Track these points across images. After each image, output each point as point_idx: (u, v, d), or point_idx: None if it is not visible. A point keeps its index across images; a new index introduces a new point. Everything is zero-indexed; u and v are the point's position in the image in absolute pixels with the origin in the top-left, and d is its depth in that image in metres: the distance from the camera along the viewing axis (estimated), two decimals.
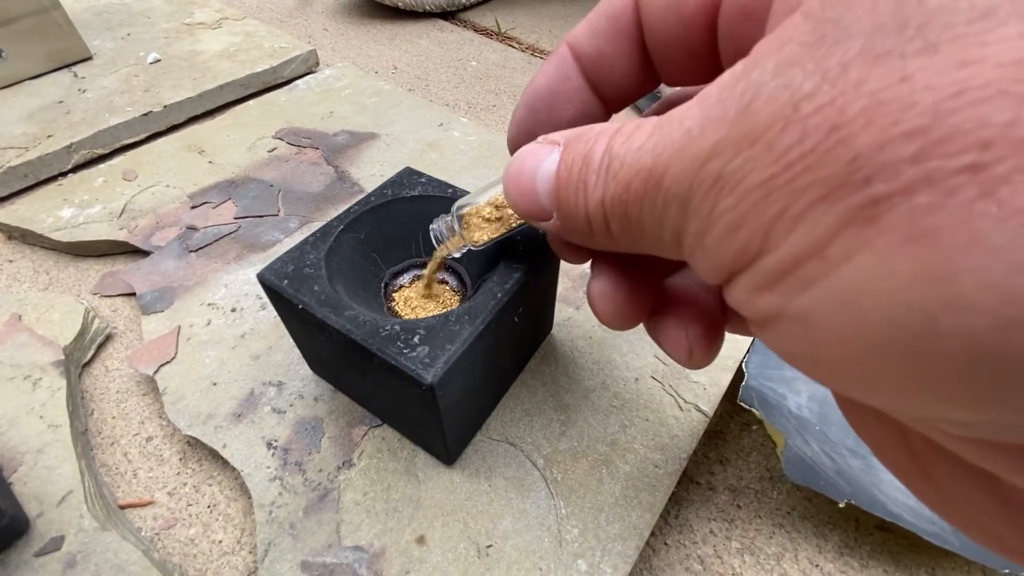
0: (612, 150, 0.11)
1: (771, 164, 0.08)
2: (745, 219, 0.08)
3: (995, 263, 0.06)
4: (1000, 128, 0.06)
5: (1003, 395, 0.06)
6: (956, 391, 0.07)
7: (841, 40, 0.07)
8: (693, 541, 0.27)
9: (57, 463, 0.26)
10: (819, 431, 0.28)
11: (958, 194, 0.06)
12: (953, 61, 0.06)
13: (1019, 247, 0.06)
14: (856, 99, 0.07)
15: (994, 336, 0.06)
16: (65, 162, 0.44)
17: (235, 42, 0.59)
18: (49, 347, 0.31)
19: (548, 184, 0.13)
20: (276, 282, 0.22)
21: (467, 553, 0.23)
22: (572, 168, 0.12)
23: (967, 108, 0.06)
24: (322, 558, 0.23)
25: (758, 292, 0.09)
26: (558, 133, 0.13)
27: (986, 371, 0.06)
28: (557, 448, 0.27)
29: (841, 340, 0.08)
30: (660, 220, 0.10)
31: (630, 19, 0.14)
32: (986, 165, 0.06)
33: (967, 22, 0.06)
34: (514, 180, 0.14)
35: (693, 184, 0.09)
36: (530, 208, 0.14)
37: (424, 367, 0.19)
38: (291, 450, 0.27)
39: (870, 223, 0.07)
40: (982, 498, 0.09)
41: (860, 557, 0.26)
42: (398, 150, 0.45)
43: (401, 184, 0.27)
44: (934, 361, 0.07)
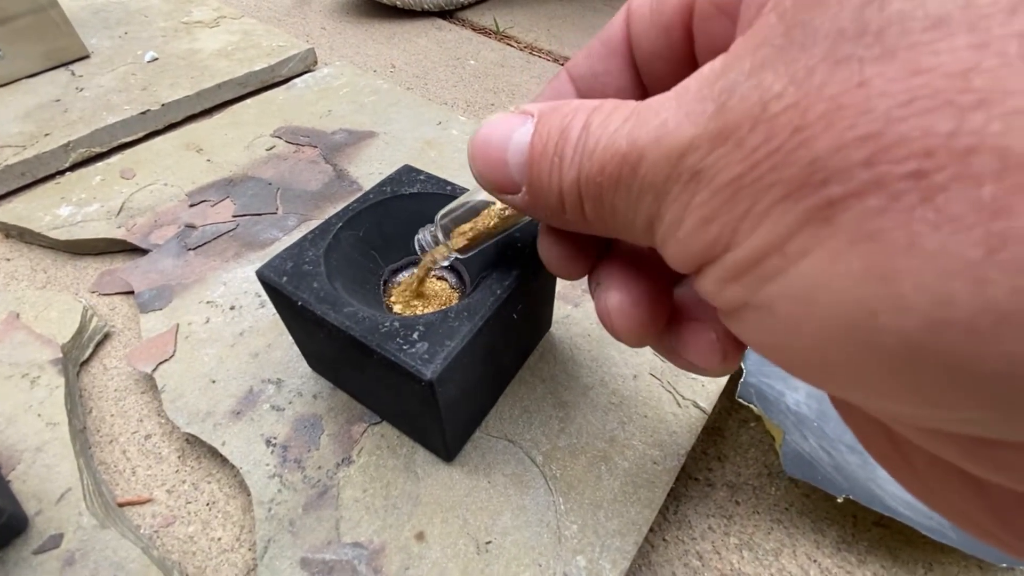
0: (590, 127, 0.11)
1: (740, 162, 0.08)
2: (716, 214, 0.09)
3: (929, 267, 0.06)
4: (943, 137, 0.06)
5: (935, 390, 0.07)
6: (895, 385, 0.07)
7: (808, 44, 0.08)
8: (692, 537, 0.27)
9: (55, 461, 0.26)
10: (817, 427, 0.28)
11: (902, 199, 0.06)
12: (907, 69, 0.06)
13: (951, 253, 0.06)
14: (818, 102, 0.07)
15: (928, 334, 0.06)
16: (63, 160, 0.44)
17: (233, 41, 0.59)
18: (47, 345, 0.31)
19: (521, 156, 0.13)
20: (275, 279, 0.22)
21: (466, 549, 0.23)
22: (548, 141, 0.12)
23: (915, 116, 0.06)
24: (322, 555, 0.23)
25: (725, 283, 0.09)
26: (531, 104, 0.13)
27: (919, 368, 0.07)
28: (556, 445, 0.27)
29: (799, 331, 0.08)
30: (634, 207, 0.10)
31: (621, 40, 0.15)
32: (928, 172, 0.06)
33: (922, 30, 0.06)
34: (481, 149, 0.13)
35: (670, 176, 0.09)
36: (498, 179, 0.13)
37: (423, 363, 0.19)
38: (290, 447, 0.27)
39: (826, 223, 0.07)
40: (960, 485, 0.09)
41: (858, 552, 0.26)
42: (396, 149, 0.45)
43: (400, 182, 0.27)
44: (875, 355, 0.07)
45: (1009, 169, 0.06)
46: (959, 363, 0.06)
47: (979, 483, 0.09)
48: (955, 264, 0.06)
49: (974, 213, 0.06)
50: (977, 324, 0.06)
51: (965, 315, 0.06)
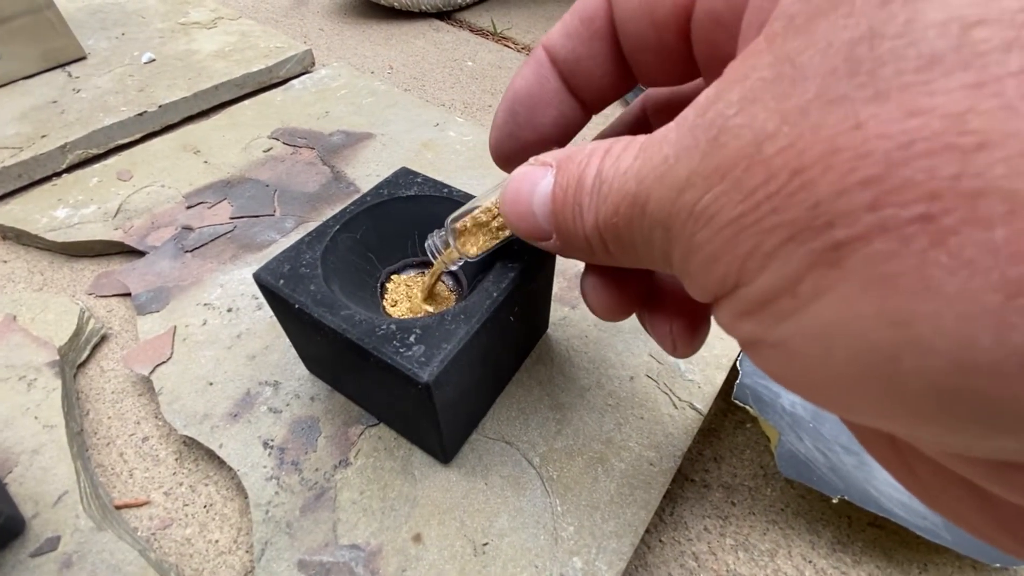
0: (602, 173, 0.11)
1: (740, 202, 0.08)
2: (721, 253, 0.09)
3: (948, 311, 0.06)
4: (948, 180, 0.06)
5: (962, 424, 0.07)
6: (920, 418, 0.07)
7: (798, 80, 0.08)
8: (688, 538, 0.27)
9: (52, 463, 0.26)
10: (812, 428, 0.28)
11: (912, 243, 0.06)
12: (902, 110, 0.06)
13: (969, 298, 0.06)
14: (814, 144, 0.07)
15: (952, 377, 0.07)
16: (59, 162, 0.44)
17: (230, 42, 0.59)
18: (44, 347, 0.31)
19: (545, 207, 0.13)
20: (272, 282, 0.22)
21: (463, 551, 0.24)
22: (567, 191, 0.13)
23: (917, 159, 0.06)
24: (319, 557, 0.23)
25: (739, 319, 0.09)
26: (549, 154, 0.14)
27: (946, 405, 0.07)
28: (553, 446, 0.27)
29: (816, 368, 0.08)
30: (648, 243, 0.11)
31: (604, 22, 0.14)
32: (936, 216, 0.06)
33: (915, 70, 0.06)
34: (511, 204, 0.14)
35: (671, 213, 0.09)
36: (530, 230, 0.14)
37: (420, 366, 0.19)
38: (287, 449, 0.27)
39: (834, 266, 0.07)
40: (963, 494, 0.09)
41: (853, 553, 0.27)
42: (394, 150, 0.46)
43: (397, 184, 0.27)
44: (900, 393, 0.07)
45: (1018, 212, 0.06)
46: (988, 402, 0.06)
47: (984, 494, 0.09)
48: (975, 309, 0.06)
49: (989, 257, 0.06)
50: (1004, 368, 0.06)
51: (990, 359, 0.06)
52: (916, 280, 0.06)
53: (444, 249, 0.22)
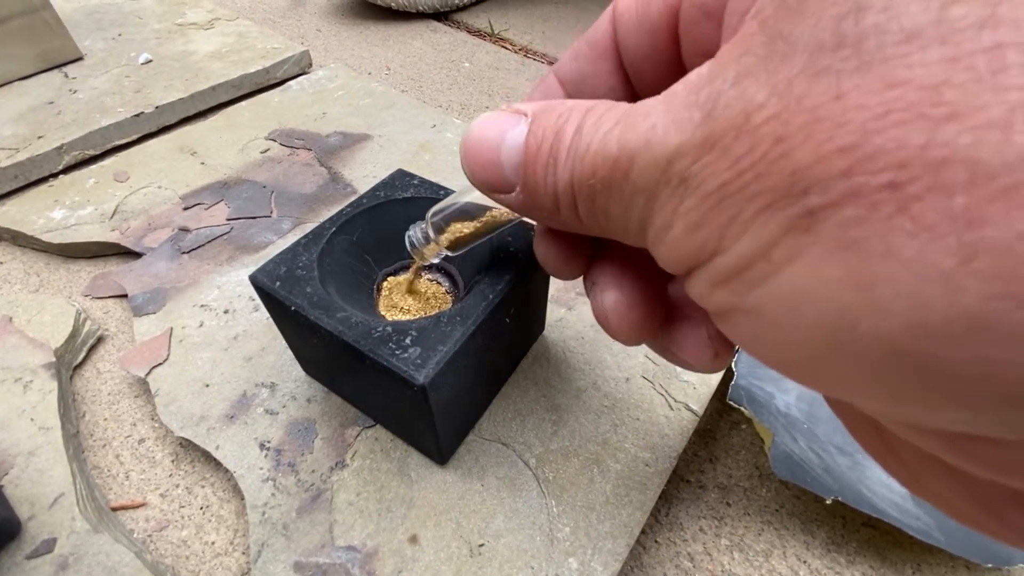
0: (583, 130, 0.11)
1: (726, 170, 0.08)
2: (704, 220, 0.09)
3: (906, 274, 0.07)
4: (916, 149, 0.06)
5: (915, 391, 0.07)
6: (878, 385, 0.07)
7: (788, 55, 0.08)
8: (683, 539, 0.27)
9: (48, 465, 0.26)
10: (807, 429, 0.28)
11: (879, 209, 0.07)
12: (882, 82, 0.07)
13: (926, 261, 0.06)
14: (798, 114, 0.07)
15: (906, 338, 0.07)
16: (56, 163, 0.44)
17: (227, 43, 0.58)
18: (40, 349, 0.31)
19: (515, 156, 0.13)
20: (268, 284, 0.23)
21: (460, 552, 0.24)
22: (543, 142, 0.12)
23: (890, 128, 0.07)
24: (315, 558, 0.23)
25: (714, 287, 0.09)
26: (524, 103, 0.13)
27: (899, 370, 0.07)
28: (549, 448, 0.27)
29: (786, 335, 0.08)
30: (626, 210, 0.11)
31: (608, 41, 0.15)
32: (903, 183, 0.06)
33: (895, 43, 0.07)
34: (474, 148, 0.13)
35: (659, 181, 0.09)
36: (492, 179, 0.13)
37: (416, 368, 0.20)
38: (284, 451, 0.27)
39: (807, 232, 0.07)
40: (945, 476, 0.10)
41: (847, 553, 0.27)
42: (391, 152, 0.46)
43: (393, 186, 0.27)
44: (858, 358, 0.07)
45: (979, 180, 0.06)
46: (936, 366, 0.07)
47: (963, 475, 0.09)
48: (931, 272, 0.06)
49: (948, 223, 0.06)
50: (952, 329, 0.06)
51: (941, 320, 0.06)
52: (880, 244, 0.07)
53: (424, 242, 0.22)
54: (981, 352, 0.06)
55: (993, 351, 0.06)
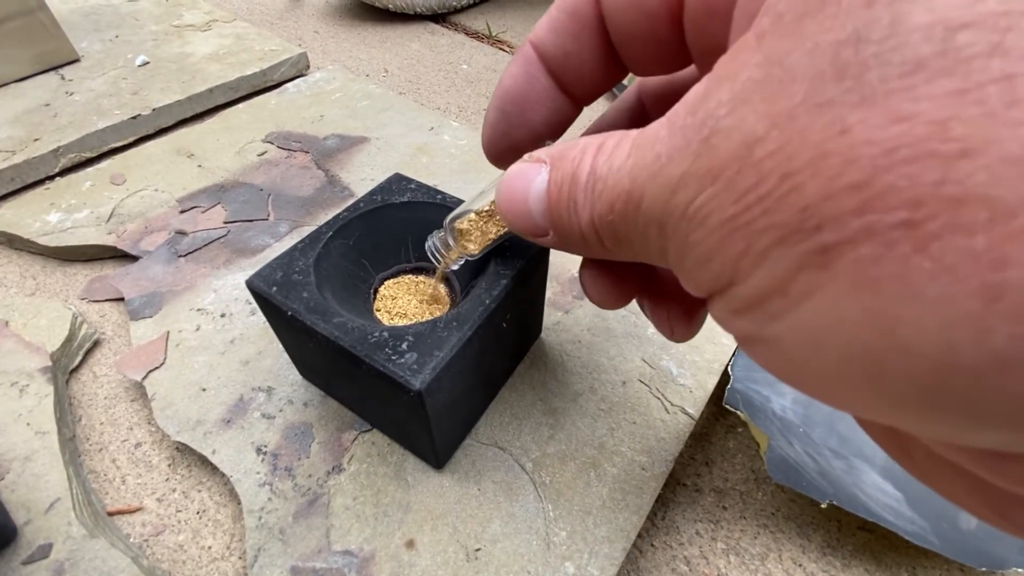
0: (596, 170, 0.12)
1: (732, 204, 0.08)
2: (714, 253, 0.09)
3: (930, 316, 0.07)
4: (930, 187, 0.06)
5: (947, 418, 0.07)
6: (907, 413, 0.08)
7: (786, 83, 0.08)
8: (679, 542, 0.27)
9: (44, 470, 0.26)
10: (803, 433, 0.28)
11: (896, 248, 0.07)
12: (887, 116, 0.07)
13: (950, 303, 0.06)
14: (802, 149, 0.07)
15: (935, 378, 0.07)
16: (52, 165, 0.44)
17: (225, 44, 0.58)
18: (36, 353, 0.31)
19: (540, 204, 0.14)
20: (265, 289, 0.23)
21: (456, 556, 0.24)
22: (561, 188, 0.13)
23: (901, 166, 0.06)
24: (312, 563, 0.23)
25: (734, 315, 0.09)
26: (543, 151, 0.14)
27: (930, 402, 0.07)
28: (546, 452, 0.27)
29: (808, 365, 0.08)
30: (644, 240, 0.11)
31: (591, 14, 0.14)
32: (919, 222, 0.06)
33: (899, 75, 0.07)
34: (507, 201, 0.14)
35: (666, 211, 0.10)
36: (527, 227, 0.14)
37: (412, 373, 0.20)
38: (281, 455, 0.27)
39: (823, 268, 0.07)
40: (957, 478, 0.10)
41: (842, 557, 0.27)
42: (388, 154, 0.46)
43: (390, 190, 0.27)
44: (886, 390, 0.08)
45: (998, 219, 0.06)
46: (970, 399, 0.07)
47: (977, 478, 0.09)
48: (955, 313, 0.06)
49: (970, 263, 0.06)
50: (983, 369, 0.06)
51: (970, 361, 0.06)
52: (900, 284, 0.07)
53: (445, 250, 0.22)
54: (1014, 388, 0.06)
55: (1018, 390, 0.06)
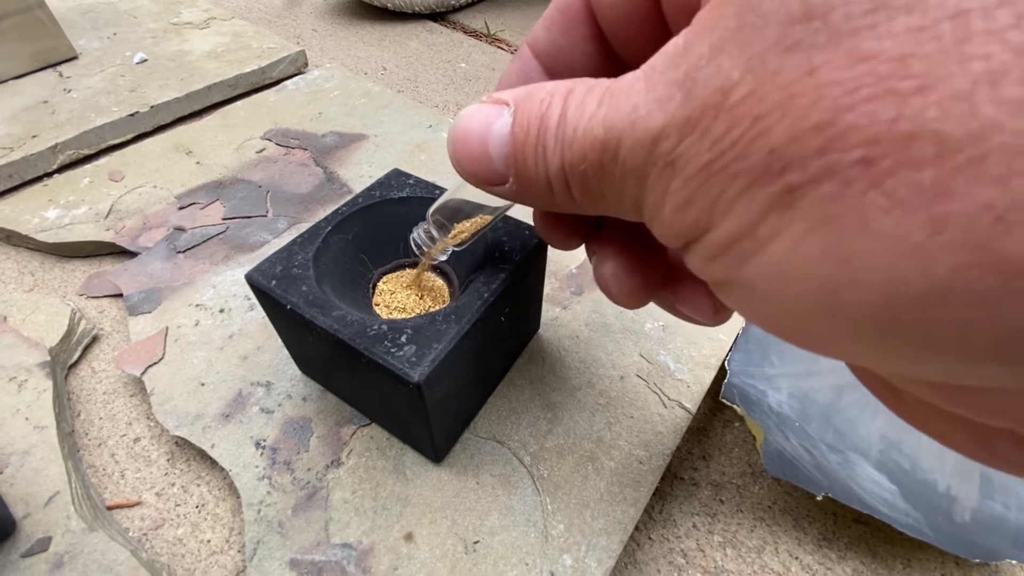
0: (567, 114, 0.11)
1: (708, 150, 0.08)
2: (692, 200, 0.09)
3: (880, 248, 0.07)
4: (886, 124, 0.06)
5: (897, 351, 0.08)
6: (864, 347, 0.08)
7: (760, 27, 0.08)
8: (676, 535, 0.27)
9: (44, 464, 0.26)
10: (798, 427, 0.28)
11: (854, 185, 0.07)
12: (851, 56, 0.07)
13: (899, 235, 0.07)
14: (772, 91, 0.07)
15: (885, 308, 0.07)
16: (50, 162, 0.44)
17: (223, 42, 0.58)
18: (35, 348, 0.31)
19: (503, 147, 0.12)
20: (264, 283, 0.23)
21: (455, 549, 0.24)
22: (528, 131, 0.12)
23: (861, 104, 0.07)
24: (311, 556, 0.24)
25: (708, 261, 0.10)
26: (505, 92, 0.13)
27: (882, 334, 0.08)
28: (544, 445, 0.27)
29: (776, 305, 0.09)
30: (619, 191, 0.11)
31: (580, 7, 0.14)
32: (875, 159, 0.07)
33: (863, 13, 0.07)
34: (461, 144, 0.13)
35: (647, 162, 0.10)
36: (483, 173, 0.13)
37: (411, 366, 0.20)
38: (280, 449, 0.27)
39: (788, 208, 0.08)
40: (943, 417, 0.10)
41: (838, 549, 0.27)
42: (387, 151, 0.46)
43: (389, 186, 0.27)
44: (843, 325, 0.08)
45: (945, 154, 0.06)
46: (916, 330, 0.07)
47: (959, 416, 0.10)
48: (903, 245, 0.07)
49: (917, 197, 0.06)
50: (926, 299, 0.07)
51: (916, 291, 0.07)
52: (856, 220, 0.07)
53: (429, 243, 0.22)
54: (955, 316, 0.07)
55: (965, 315, 0.07)
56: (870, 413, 0.29)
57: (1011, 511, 0.26)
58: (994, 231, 0.06)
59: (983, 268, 0.06)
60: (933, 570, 0.26)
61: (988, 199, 0.06)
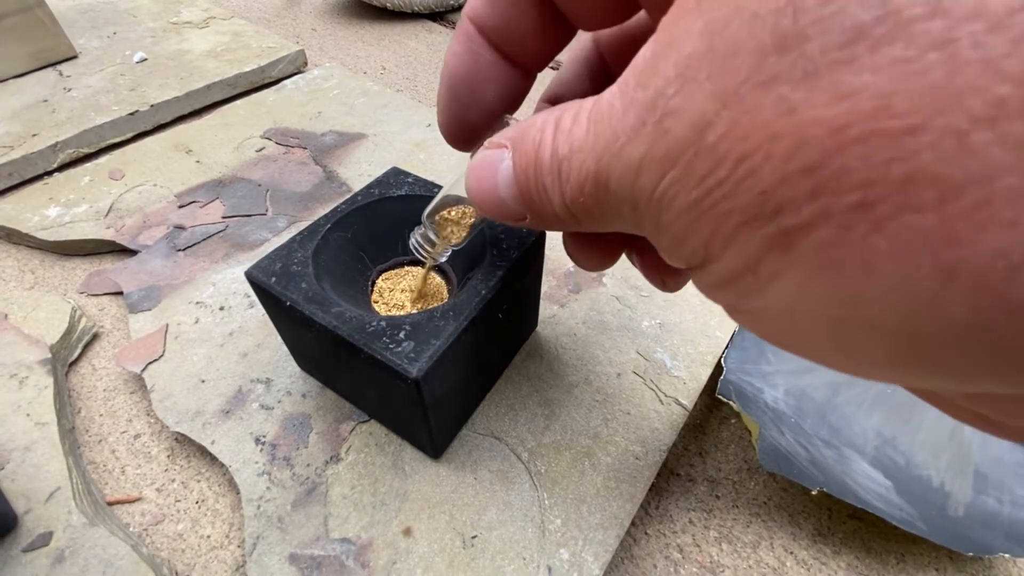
0: (558, 152, 0.11)
1: (694, 188, 0.08)
2: (686, 233, 0.09)
3: (892, 293, 0.07)
4: (880, 167, 0.06)
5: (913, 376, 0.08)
6: (878, 373, 0.08)
7: (730, 56, 0.07)
8: (673, 530, 0.28)
9: (44, 460, 0.27)
10: (794, 423, 0.29)
11: (853, 229, 0.07)
12: (831, 93, 0.06)
13: (909, 282, 0.07)
14: (753, 130, 0.07)
15: (900, 347, 0.07)
16: (51, 161, 0.44)
17: (222, 41, 0.59)
18: (35, 345, 0.31)
19: (511, 190, 0.13)
20: (264, 280, 0.23)
21: (453, 544, 0.24)
22: (528, 173, 0.12)
23: (851, 146, 0.06)
24: (310, 550, 0.24)
25: (714, 290, 0.10)
26: (502, 134, 0.13)
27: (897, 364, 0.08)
28: (541, 441, 0.27)
29: (786, 333, 0.09)
30: (619, 216, 0.11)
31: None
32: (872, 203, 0.06)
33: (839, 46, 0.06)
34: (478, 193, 0.14)
35: (634, 194, 0.10)
36: (505, 215, 0.14)
37: (409, 362, 0.20)
38: (279, 446, 0.27)
39: (786, 251, 0.08)
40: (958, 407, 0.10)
41: (833, 544, 0.27)
42: (386, 150, 0.46)
43: (388, 184, 0.27)
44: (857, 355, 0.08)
45: (947, 198, 0.06)
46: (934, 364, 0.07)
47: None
48: (915, 291, 0.07)
49: (923, 242, 0.06)
50: (944, 340, 0.07)
51: (932, 333, 0.07)
52: (859, 264, 0.07)
53: (429, 246, 0.22)
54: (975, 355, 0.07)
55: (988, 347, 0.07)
56: (865, 410, 0.30)
57: (1004, 506, 0.26)
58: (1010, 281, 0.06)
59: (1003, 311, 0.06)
60: (927, 564, 0.27)
61: (999, 246, 0.06)
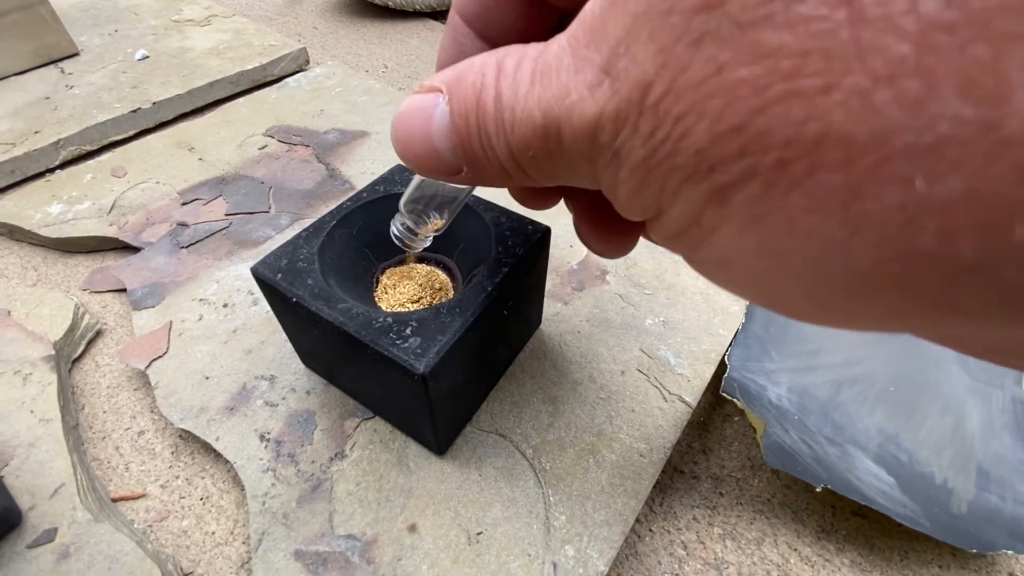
0: (502, 97, 0.11)
1: (642, 146, 0.09)
2: (640, 188, 0.10)
3: (809, 244, 0.07)
4: (797, 126, 0.07)
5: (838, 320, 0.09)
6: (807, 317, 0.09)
7: (665, 15, 0.08)
8: (677, 527, 0.28)
9: (49, 457, 0.27)
10: (798, 420, 0.29)
11: (776, 186, 0.07)
12: (754, 51, 0.07)
13: (823, 234, 0.07)
14: (686, 90, 0.08)
15: (818, 296, 0.08)
16: (53, 158, 0.44)
17: (224, 39, 0.59)
18: (39, 342, 0.31)
19: (448, 139, 0.12)
20: (270, 276, 0.23)
21: (458, 540, 0.24)
22: (468, 119, 0.11)
23: (771, 106, 0.07)
24: (315, 547, 0.24)
25: (668, 240, 0.10)
26: (436, 76, 0.12)
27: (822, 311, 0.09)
28: (545, 438, 0.27)
29: (730, 283, 0.10)
30: (574, 171, 0.11)
31: None
32: (790, 162, 0.07)
33: (758, 2, 0.07)
34: (405, 142, 0.13)
35: (593, 150, 0.10)
36: (436, 166, 0.13)
37: (416, 358, 0.20)
38: (284, 442, 0.27)
39: (722, 205, 0.08)
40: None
41: (836, 541, 0.27)
42: (388, 149, 0.46)
43: (393, 181, 0.27)
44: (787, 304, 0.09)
45: (853, 157, 0.06)
46: (850, 309, 0.08)
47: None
48: (828, 242, 0.07)
49: (833, 198, 0.07)
50: (856, 288, 0.07)
51: (844, 282, 0.08)
52: (782, 218, 0.07)
53: (412, 234, 0.22)
54: (882, 302, 0.07)
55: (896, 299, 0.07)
56: (868, 408, 0.30)
57: (1007, 503, 0.26)
58: (907, 231, 0.06)
59: (903, 261, 0.07)
60: (930, 561, 0.27)
61: (898, 200, 0.06)
